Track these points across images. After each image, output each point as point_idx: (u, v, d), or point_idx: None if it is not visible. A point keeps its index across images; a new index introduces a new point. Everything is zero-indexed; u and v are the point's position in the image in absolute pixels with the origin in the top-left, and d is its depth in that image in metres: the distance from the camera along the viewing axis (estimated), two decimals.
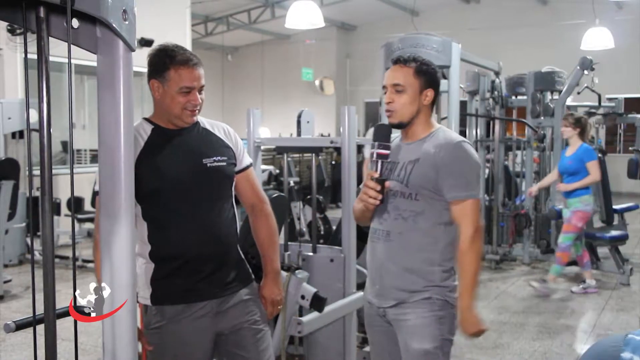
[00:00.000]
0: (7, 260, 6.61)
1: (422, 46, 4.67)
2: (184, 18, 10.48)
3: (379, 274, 2.26)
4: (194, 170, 2.16)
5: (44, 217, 1.23)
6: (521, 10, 14.86)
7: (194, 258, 2.15)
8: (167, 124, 2.18)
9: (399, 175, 2.21)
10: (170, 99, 2.10)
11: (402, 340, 2.23)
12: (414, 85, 2.21)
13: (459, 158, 2.17)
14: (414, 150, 2.23)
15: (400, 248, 2.21)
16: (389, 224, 2.22)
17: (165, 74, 2.09)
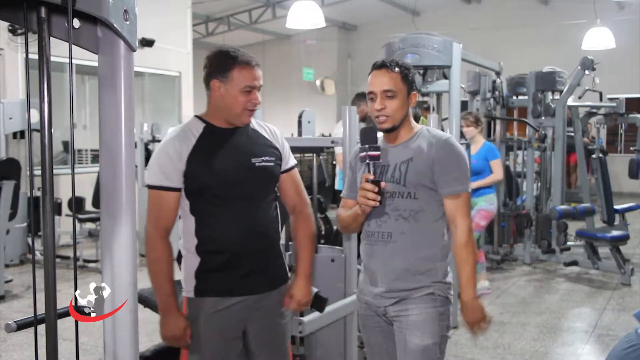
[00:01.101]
0: (8, 260, 6.61)
1: (423, 46, 4.67)
2: (185, 18, 10.48)
3: (381, 276, 2.27)
4: (243, 169, 2.24)
5: (45, 217, 1.23)
6: (522, 10, 14.85)
7: (238, 253, 2.23)
8: (220, 122, 2.25)
9: (393, 177, 2.25)
10: (232, 98, 2.18)
11: (401, 336, 2.24)
12: (403, 90, 2.25)
13: (449, 154, 2.23)
14: (403, 151, 2.27)
15: (403, 248, 2.23)
16: (390, 226, 2.24)
17: (228, 74, 2.17)
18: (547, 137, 7.44)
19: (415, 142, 2.27)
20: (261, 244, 2.29)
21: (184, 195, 2.21)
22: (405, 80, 2.25)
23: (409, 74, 2.28)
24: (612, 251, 6.39)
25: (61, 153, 9.42)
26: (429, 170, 2.20)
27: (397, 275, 2.23)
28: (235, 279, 2.24)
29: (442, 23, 13.39)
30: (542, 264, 7.16)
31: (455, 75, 4.78)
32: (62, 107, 7.80)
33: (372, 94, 2.26)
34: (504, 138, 7.57)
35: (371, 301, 2.32)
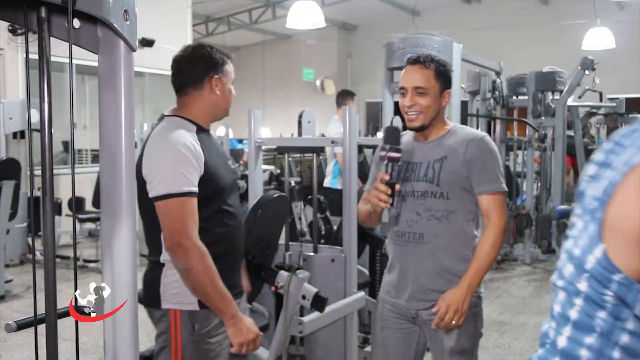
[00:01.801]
0: (8, 260, 6.62)
1: (423, 46, 4.67)
2: (185, 18, 10.48)
3: (412, 277, 2.24)
4: (231, 172, 2.26)
5: (45, 217, 1.23)
6: (522, 10, 14.84)
7: (236, 257, 2.25)
8: (205, 123, 2.20)
9: (425, 175, 2.20)
10: (228, 92, 2.20)
11: (437, 341, 2.22)
12: (435, 87, 2.20)
13: (486, 152, 2.20)
14: (436, 149, 2.22)
15: (436, 249, 2.20)
16: (422, 226, 2.21)
17: (224, 69, 2.17)
18: (547, 137, 7.44)
19: (449, 139, 2.22)
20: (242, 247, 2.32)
21: None
22: (438, 77, 2.20)
23: (444, 71, 2.22)
24: None
25: (61, 153, 9.42)
26: (464, 169, 2.17)
27: (429, 278, 2.21)
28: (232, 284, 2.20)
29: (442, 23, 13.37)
30: (542, 264, 7.16)
31: (455, 75, 4.78)
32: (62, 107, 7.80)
33: (404, 89, 2.22)
34: (504, 138, 7.57)
35: (400, 304, 2.28)
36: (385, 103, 5.01)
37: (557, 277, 1.30)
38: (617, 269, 1.18)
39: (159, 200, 1.98)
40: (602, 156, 1.35)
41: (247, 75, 18.93)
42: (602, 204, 1.24)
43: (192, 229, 1.98)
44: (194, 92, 2.15)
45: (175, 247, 1.97)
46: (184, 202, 1.97)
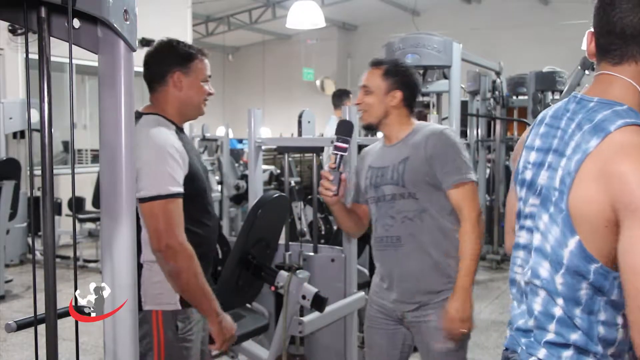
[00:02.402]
0: (8, 260, 6.62)
1: (423, 46, 4.68)
2: (185, 18, 10.48)
3: (396, 280, 2.25)
4: (205, 172, 2.23)
5: (45, 217, 1.23)
6: (522, 10, 14.84)
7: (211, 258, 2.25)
8: (178, 121, 2.17)
9: (392, 178, 2.22)
10: (195, 89, 2.13)
11: (424, 342, 2.24)
12: (381, 86, 2.24)
13: (445, 145, 2.18)
14: (399, 151, 2.25)
15: (414, 250, 2.21)
16: (397, 229, 2.22)
17: (191, 65, 2.11)
18: None
19: (412, 139, 2.24)
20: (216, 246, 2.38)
21: None
22: (387, 76, 2.24)
23: (396, 71, 2.26)
24: None
25: (61, 153, 9.43)
26: (426, 166, 2.16)
27: (413, 279, 2.21)
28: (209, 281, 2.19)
29: (442, 23, 13.39)
30: None
31: (455, 75, 4.79)
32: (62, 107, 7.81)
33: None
34: (504, 138, 7.57)
35: (387, 305, 2.29)
36: None
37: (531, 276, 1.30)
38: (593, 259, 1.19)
39: (145, 202, 1.93)
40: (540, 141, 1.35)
41: (247, 75, 18.96)
42: (562, 194, 1.23)
43: (179, 230, 1.95)
44: (160, 88, 2.13)
45: (163, 249, 1.94)
46: (171, 203, 1.94)
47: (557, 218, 1.25)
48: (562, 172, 1.25)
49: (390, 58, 2.34)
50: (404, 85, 2.27)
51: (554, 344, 1.28)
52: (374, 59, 2.32)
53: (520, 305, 1.40)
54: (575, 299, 1.23)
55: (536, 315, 1.31)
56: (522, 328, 1.36)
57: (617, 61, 1.29)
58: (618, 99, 1.26)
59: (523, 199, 1.39)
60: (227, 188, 7.33)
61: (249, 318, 3.26)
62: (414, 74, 2.34)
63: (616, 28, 1.27)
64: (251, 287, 3.03)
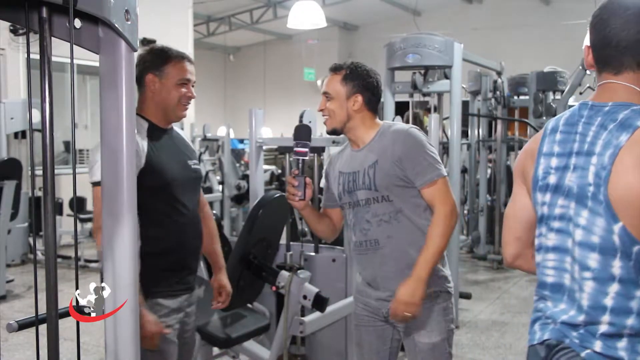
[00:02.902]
0: (9, 260, 6.62)
1: (424, 46, 4.67)
2: (186, 18, 10.48)
3: (379, 282, 2.26)
4: (184, 170, 2.29)
5: (47, 217, 1.23)
6: (523, 10, 14.83)
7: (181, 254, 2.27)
8: (159, 121, 2.26)
9: (364, 183, 2.23)
10: (167, 92, 2.21)
11: (409, 337, 2.24)
12: (341, 92, 2.24)
13: (411, 146, 2.18)
14: (368, 155, 2.24)
15: (394, 251, 2.21)
16: (375, 232, 2.22)
17: (164, 67, 2.20)
18: None
19: (378, 142, 2.24)
20: (196, 244, 2.35)
21: None
22: (346, 81, 2.24)
23: (354, 75, 2.24)
24: None
25: (62, 153, 9.44)
26: (396, 168, 2.16)
27: (394, 280, 2.21)
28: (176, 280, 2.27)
29: (443, 23, 13.39)
30: None
31: (456, 75, 4.79)
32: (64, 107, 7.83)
33: None
34: (505, 138, 7.57)
35: (372, 303, 2.31)
36: (386, 103, 5.01)
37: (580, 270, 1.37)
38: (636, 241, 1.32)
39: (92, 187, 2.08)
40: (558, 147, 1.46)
41: (248, 75, 18.97)
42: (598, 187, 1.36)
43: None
44: (139, 90, 2.25)
45: (95, 231, 2.07)
46: (96, 190, 2.04)
47: (599, 209, 1.36)
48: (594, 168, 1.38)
49: (349, 62, 2.31)
50: (364, 88, 2.25)
51: (609, 335, 1.37)
52: (333, 64, 2.31)
53: (558, 304, 1.48)
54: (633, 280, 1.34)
55: (586, 310, 1.42)
56: (569, 322, 1.45)
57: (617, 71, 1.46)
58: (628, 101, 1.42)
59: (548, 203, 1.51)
60: (228, 188, 7.33)
61: (250, 318, 3.27)
62: (375, 76, 2.30)
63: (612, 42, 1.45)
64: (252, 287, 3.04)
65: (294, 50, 17.55)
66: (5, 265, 6.00)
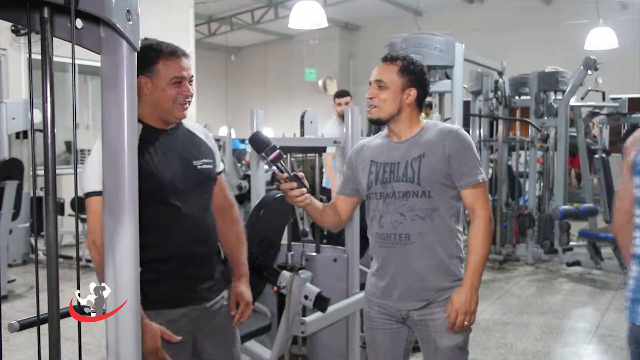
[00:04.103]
0: (11, 259, 6.63)
1: (425, 46, 4.68)
2: (187, 18, 10.48)
3: (401, 277, 2.24)
4: (186, 172, 2.13)
5: (48, 216, 1.23)
6: (525, 10, 14.82)
7: (184, 261, 2.12)
8: (156, 122, 2.12)
9: (405, 175, 2.20)
10: (160, 92, 2.06)
11: (430, 340, 2.24)
12: (397, 83, 2.23)
13: (463, 145, 2.20)
14: (412, 148, 2.23)
15: (423, 248, 2.20)
16: (407, 227, 2.20)
17: (154, 67, 2.05)
18: (549, 137, 7.44)
19: (424, 137, 2.23)
20: (205, 248, 2.19)
21: None
22: (402, 73, 2.23)
23: (412, 69, 2.25)
24: (614, 251, 6.38)
25: (64, 153, 9.44)
26: (444, 165, 2.17)
27: (418, 277, 2.21)
28: (179, 288, 2.12)
29: (445, 23, 13.37)
30: (544, 264, 7.15)
31: (457, 75, 4.79)
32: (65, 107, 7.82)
33: (370, 84, 2.28)
34: (507, 138, 7.56)
35: (389, 304, 2.28)
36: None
37: None
38: None
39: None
40: None
41: (250, 75, 18.97)
42: None
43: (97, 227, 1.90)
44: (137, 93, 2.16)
45: (89, 245, 1.94)
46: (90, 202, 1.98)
47: None
48: None
49: (402, 55, 2.31)
50: (419, 83, 2.26)
51: None
52: (388, 54, 2.29)
53: None
54: None
55: None
56: None
57: None
58: None
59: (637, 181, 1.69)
60: (230, 188, 7.32)
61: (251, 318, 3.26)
62: (427, 73, 2.33)
63: None
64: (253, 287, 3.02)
65: (295, 51, 17.56)
66: (6, 265, 6.00)
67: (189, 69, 2.12)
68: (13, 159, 6.41)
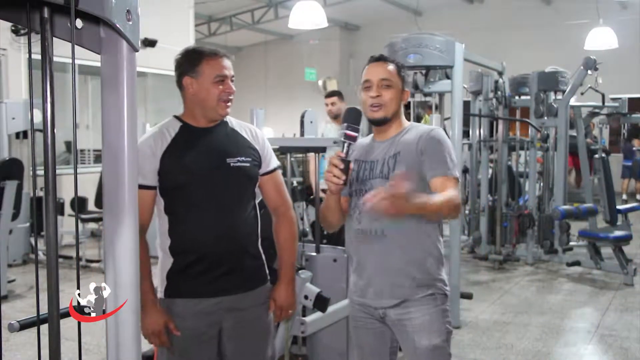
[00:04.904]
0: (11, 260, 6.63)
1: (425, 46, 4.67)
2: (188, 18, 10.48)
3: (376, 274, 2.25)
4: (217, 168, 2.21)
5: (48, 217, 1.23)
6: (525, 10, 14.83)
7: (210, 254, 2.19)
8: (198, 122, 2.25)
9: (381, 172, 2.23)
10: (205, 91, 2.19)
11: (408, 340, 2.23)
12: (398, 83, 2.27)
13: (436, 141, 2.20)
14: (391, 146, 2.26)
15: (398, 244, 2.21)
16: (384, 222, 2.21)
17: (198, 68, 2.18)
18: (549, 137, 7.43)
19: (403, 136, 2.26)
20: (234, 244, 2.23)
21: (159, 194, 2.19)
22: (399, 75, 2.27)
23: (404, 72, 2.31)
24: (614, 251, 6.38)
25: (64, 153, 9.44)
26: (417, 162, 2.18)
27: (394, 273, 2.21)
28: (206, 281, 2.19)
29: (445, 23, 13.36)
30: (544, 264, 7.15)
31: (457, 75, 4.78)
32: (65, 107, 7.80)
33: (369, 82, 2.25)
34: (507, 138, 7.56)
35: (367, 302, 2.28)
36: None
37: None
38: None
39: None
40: None
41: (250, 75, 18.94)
42: None
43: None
44: (182, 94, 2.27)
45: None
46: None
47: None
48: None
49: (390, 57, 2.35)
50: (408, 85, 2.33)
51: None
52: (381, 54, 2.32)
53: None
54: None
55: None
56: None
57: None
58: None
59: None
60: None
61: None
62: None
63: None
64: None
65: (295, 51, 17.55)
66: (6, 265, 6.00)
67: (231, 68, 2.25)
68: (13, 159, 6.41)
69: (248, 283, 2.29)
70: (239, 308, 2.25)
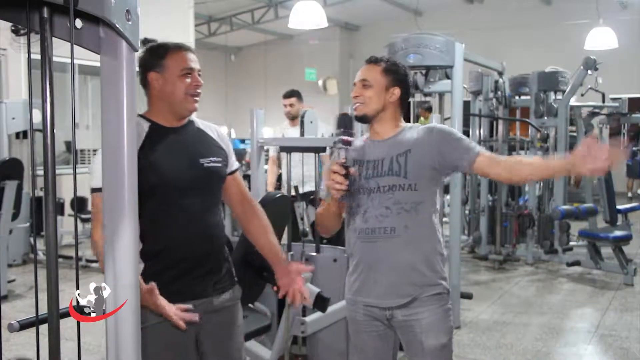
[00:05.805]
0: (10, 260, 6.63)
1: (425, 46, 4.67)
2: (187, 18, 10.48)
3: (385, 273, 2.25)
4: (191, 170, 2.16)
5: (48, 217, 1.23)
6: (525, 10, 14.83)
7: (185, 257, 2.14)
8: (165, 120, 2.17)
9: (391, 170, 2.24)
10: (172, 85, 2.12)
11: (415, 340, 2.23)
12: (381, 82, 2.29)
13: (449, 132, 2.29)
14: (396, 145, 2.28)
15: (407, 242, 2.21)
16: (393, 220, 2.22)
17: (163, 62, 2.12)
18: (549, 137, 7.43)
19: (406, 135, 2.29)
20: (209, 246, 2.20)
21: None
22: (386, 74, 2.30)
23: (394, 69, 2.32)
24: (614, 251, 6.38)
25: (63, 153, 9.44)
26: (430, 159, 2.22)
27: (402, 271, 2.22)
28: (182, 284, 2.13)
29: (445, 23, 13.37)
30: (544, 264, 7.15)
31: (457, 75, 4.78)
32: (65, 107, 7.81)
33: (354, 85, 2.35)
34: (507, 138, 7.56)
35: (372, 302, 2.27)
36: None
37: None
38: None
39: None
40: None
41: (250, 75, 18.97)
42: None
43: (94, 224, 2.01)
44: (147, 93, 2.19)
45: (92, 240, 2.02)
46: (94, 197, 2.04)
47: None
48: None
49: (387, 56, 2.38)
50: (402, 83, 2.33)
51: None
52: (373, 56, 2.37)
53: None
54: None
55: None
56: None
57: None
58: None
59: None
60: None
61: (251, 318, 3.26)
62: (409, 74, 2.41)
63: None
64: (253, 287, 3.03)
65: (295, 51, 17.56)
66: (6, 265, 6.00)
67: (197, 61, 2.18)
68: (13, 159, 6.41)
69: (219, 286, 2.25)
70: (215, 311, 2.22)
